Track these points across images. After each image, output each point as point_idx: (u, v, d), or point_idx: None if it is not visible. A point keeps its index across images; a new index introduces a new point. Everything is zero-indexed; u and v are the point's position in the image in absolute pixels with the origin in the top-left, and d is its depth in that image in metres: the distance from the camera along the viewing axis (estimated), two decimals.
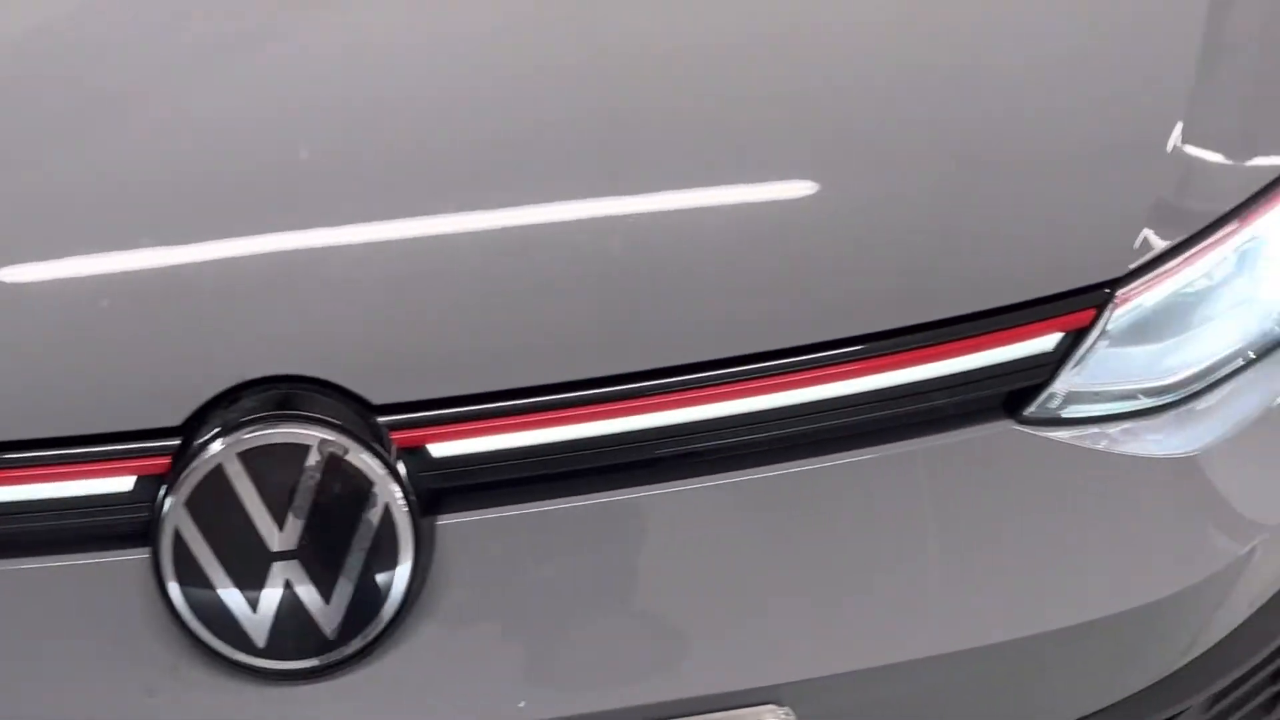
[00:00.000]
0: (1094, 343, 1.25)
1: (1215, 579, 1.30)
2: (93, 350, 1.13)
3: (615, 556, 1.20)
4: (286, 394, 1.13)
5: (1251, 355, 1.35)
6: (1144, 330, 1.28)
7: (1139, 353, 1.29)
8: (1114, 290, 1.25)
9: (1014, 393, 1.25)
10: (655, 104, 1.23)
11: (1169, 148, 1.29)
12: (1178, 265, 1.28)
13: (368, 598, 1.14)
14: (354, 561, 1.13)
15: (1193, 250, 1.29)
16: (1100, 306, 1.24)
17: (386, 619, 1.15)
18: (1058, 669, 1.28)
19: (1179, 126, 1.29)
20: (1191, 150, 1.30)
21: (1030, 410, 1.24)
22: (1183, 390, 1.31)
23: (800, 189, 1.22)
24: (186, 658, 1.15)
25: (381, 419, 1.15)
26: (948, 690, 1.26)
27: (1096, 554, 1.25)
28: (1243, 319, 1.35)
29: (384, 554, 1.14)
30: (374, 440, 1.13)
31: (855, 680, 1.23)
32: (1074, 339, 1.24)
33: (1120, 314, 1.26)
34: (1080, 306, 1.24)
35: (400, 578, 1.14)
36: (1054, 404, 1.25)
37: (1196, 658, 1.35)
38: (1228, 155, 1.35)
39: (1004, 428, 1.24)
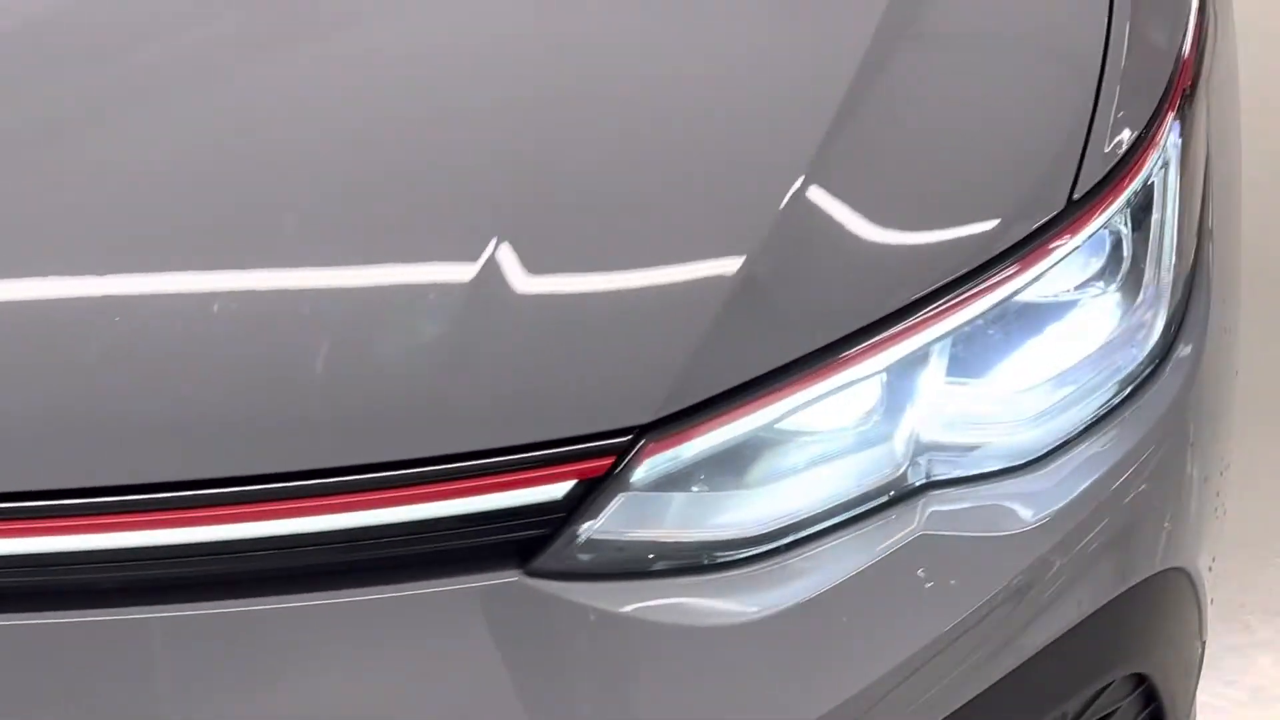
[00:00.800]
0: (612, 494, 1.12)
1: None
2: None
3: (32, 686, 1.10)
4: None
5: (882, 500, 1.20)
6: (693, 479, 1.15)
7: (694, 500, 1.16)
8: (642, 436, 1.12)
9: (530, 540, 1.13)
10: None
11: (741, 269, 1.15)
12: (750, 404, 1.14)
13: None
14: None
15: (771, 388, 1.14)
16: (622, 454, 1.11)
17: None
18: None
19: (769, 241, 1.16)
20: (778, 272, 1.16)
21: (539, 562, 1.12)
22: (752, 548, 1.16)
23: (288, 306, 1.13)
24: None
25: None
26: None
27: None
28: (857, 464, 1.20)
29: None
30: None
31: None
32: (590, 487, 1.12)
33: (658, 461, 1.12)
34: (595, 454, 1.11)
35: None
36: (570, 556, 1.13)
37: None
38: (845, 271, 1.19)
39: (512, 578, 1.12)
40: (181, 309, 1.13)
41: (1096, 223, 1.25)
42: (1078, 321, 1.28)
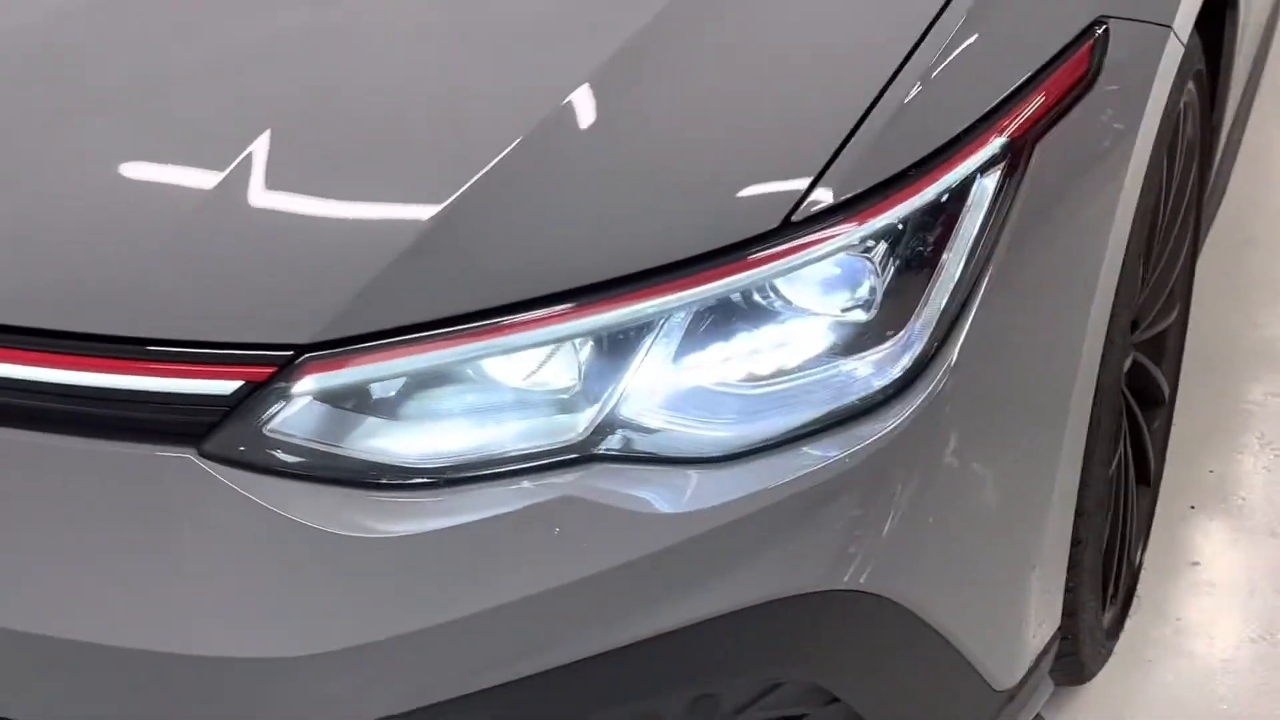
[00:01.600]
0: (272, 401, 1.25)
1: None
2: None
3: None
4: None
5: (552, 461, 1.27)
6: (362, 402, 1.26)
7: (361, 422, 1.27)
8: (302, 354, 1.24)
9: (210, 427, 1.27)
10: None
11: (440, 214, 1.26)
12: (422, 344, 1.24)
13: None
14: None
15: (450, 333, 1.24)
16: (283, 367, 1.24)
17: None
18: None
19: (474, 193, 1.26)
20: (479, 225, 1.26)
21: (208, 446, 1.26)
22: (409, 477, 1.27)
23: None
24: None
25: None
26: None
27: (241, 598, 1.25)
28: (535, 422, 1.28)
29: None
30: None
31: None
32: (253, 389, 1.25)
33: (325, 379, 1.25)
34: (258, 361, 1.25)
35: None
36: (239, 449, 1.26)
37: None
38: (548, 235, 1.27)
39: (183, 455, 1.26)
40: None
41: (822, 248, 1.28)
42: (808, 335, 1.31)
